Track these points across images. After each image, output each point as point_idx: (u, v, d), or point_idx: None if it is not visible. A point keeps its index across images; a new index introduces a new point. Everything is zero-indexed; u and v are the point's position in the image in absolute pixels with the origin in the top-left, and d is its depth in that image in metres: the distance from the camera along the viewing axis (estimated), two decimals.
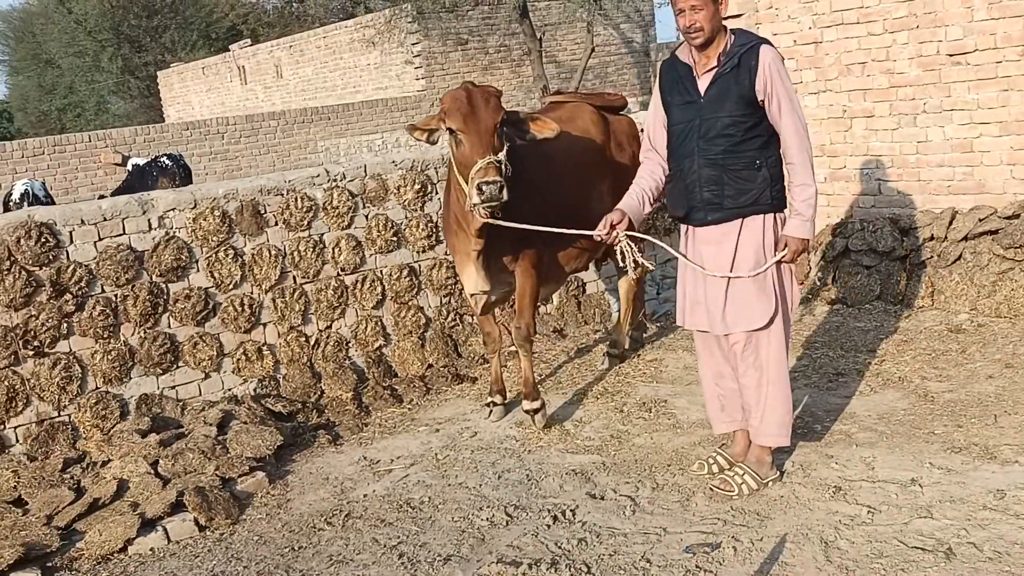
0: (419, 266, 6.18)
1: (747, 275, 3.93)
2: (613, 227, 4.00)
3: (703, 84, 3.89)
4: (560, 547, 3.75)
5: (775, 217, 3.98)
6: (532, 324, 4.98)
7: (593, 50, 18.45)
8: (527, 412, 4.99)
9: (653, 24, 23.99)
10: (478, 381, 5.87)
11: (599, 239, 4.06)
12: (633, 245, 4.06)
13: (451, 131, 4.37)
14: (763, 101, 3.84)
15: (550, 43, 21.48)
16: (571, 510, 4.05)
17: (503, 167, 4.27)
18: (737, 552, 3.58)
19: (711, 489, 4.07)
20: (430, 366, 6.09)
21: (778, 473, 4.13)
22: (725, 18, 3.94)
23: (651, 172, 4.18)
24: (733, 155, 3.87)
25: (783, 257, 3.94)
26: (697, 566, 3.50)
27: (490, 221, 4.38)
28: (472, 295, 4.97)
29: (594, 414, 5.12)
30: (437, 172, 6.22)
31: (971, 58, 6.48)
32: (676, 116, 4.00)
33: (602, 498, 4.15)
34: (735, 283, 3.96)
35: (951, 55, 6.58)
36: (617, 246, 4.05)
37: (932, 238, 6.54)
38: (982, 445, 4.22)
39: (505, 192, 4.21)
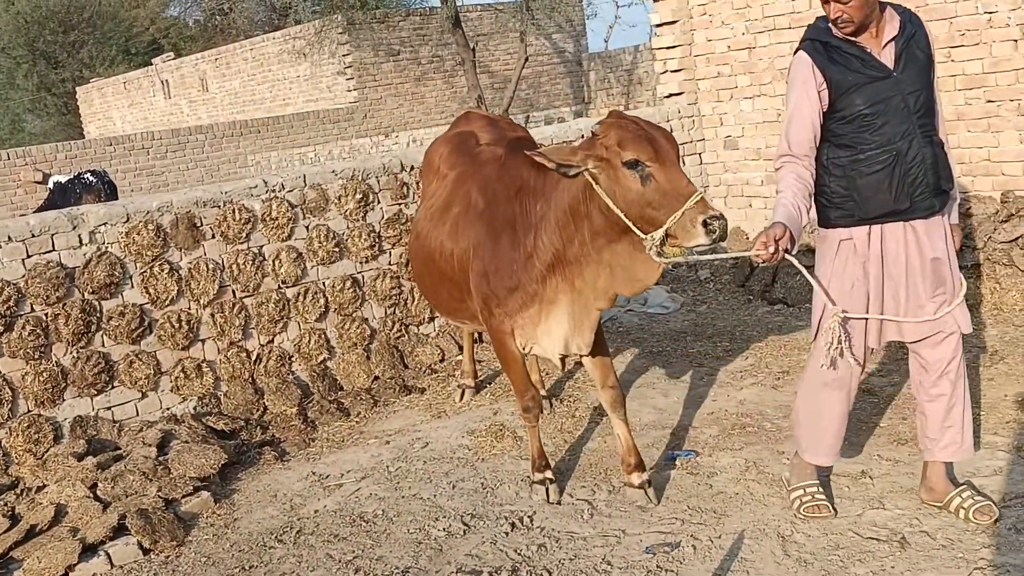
0: (362, 277, 6.09)
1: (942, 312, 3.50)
2: (775, 242, 3.31)
3: (887, 57, 3.42)
4: (520, 553, 3.70)
5: None
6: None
7: (527, 60, 18.50)
8: (639, 486, 4.06)
9: (585, 34, 24.20)
10: (426, 392, 5.79)
11: (761, 260, 3.37)
12: (798, 263, 3.46)
13: (631, 165, 3.43)
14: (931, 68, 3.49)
15: (483, 53, 21.49)
16: (529, 516, 4.01)
17: None
18: (696, 550, 3.57)
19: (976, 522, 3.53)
20: (376, 378, 6.00)
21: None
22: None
23: (800, 178, 3.49)
24: (935, 131, 3.48)
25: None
26: (658, 566, 3.49)
27: (674, 261, 3.52)
28: (564, 357, 4.09)
29: (547, 420, 5.08)
30: (379, 181, 6.14)
31: None
32: (864, 97, 3.41)
33: (559, 503, 4.11)
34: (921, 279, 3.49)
35: None
36: (779, 265, 3.59)
37: None
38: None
39: None
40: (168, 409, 5.36)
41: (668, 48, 7.97)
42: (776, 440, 4.49)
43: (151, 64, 27.99)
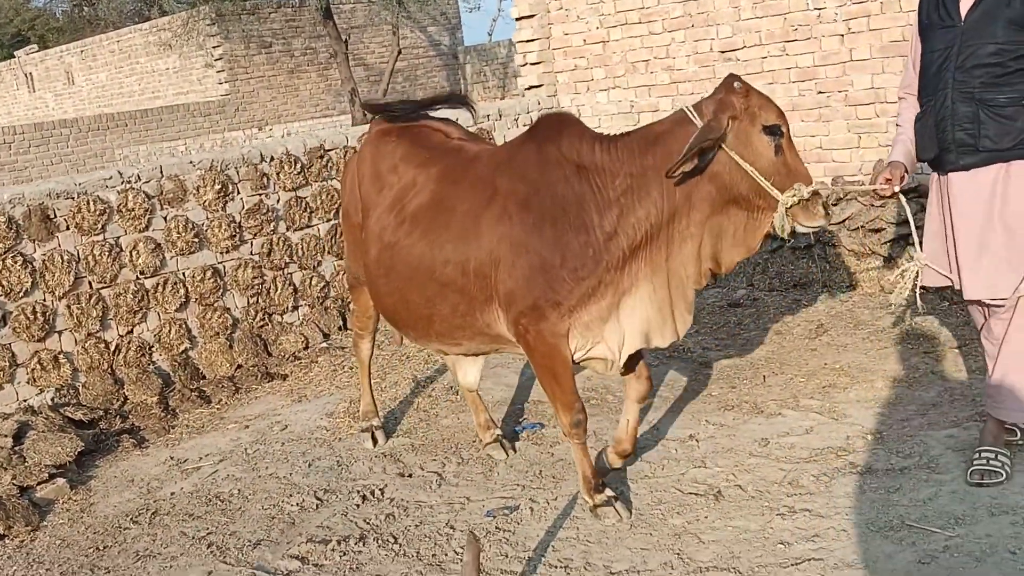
0: (223, 267, 6.15)
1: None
2: (888, 181, 3.47)
3: (965, 5, 3.39)
4: (368, 523, 3.90)
5: None
6: None
7: (400, 53, 18.59)
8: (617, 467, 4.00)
9: (460, 27, 24.40)
10: (289, 378, 5.91)
11: (878, 197, 3.49)
12: (905, 203, 3.51)
13: (771, 131, 3.33)
14: None
15: (357, 46, 21.46)
16: (380, 489, 4.20)
17: None
18: (534, 512, 3.83)
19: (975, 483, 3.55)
20: (239, 366, 6.08)
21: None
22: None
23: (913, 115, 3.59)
24: (995, 88, 3.33)
25: None
26: (497, 527, 3.73)
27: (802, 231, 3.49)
28: (658, 344, 3.64)
29: (404, 400, 5.28)
30: (238, 172, 6.22)
31: (740, 54, 7.07)
32: (932, 42, 3.46)
33: (410, 476, 4.32)
34: (987, 240, 3.44)
35: (723, 52, 7.15)
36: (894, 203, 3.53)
37: None
38: (751, 402, 4.66)
39: None
40: (25, 401, 5.34)
41: (528, 41, 8.25)
42: (617, 412, 4.78)
43: (14, 56, 26.88)
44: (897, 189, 3.51)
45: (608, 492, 3.74)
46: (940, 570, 3.08)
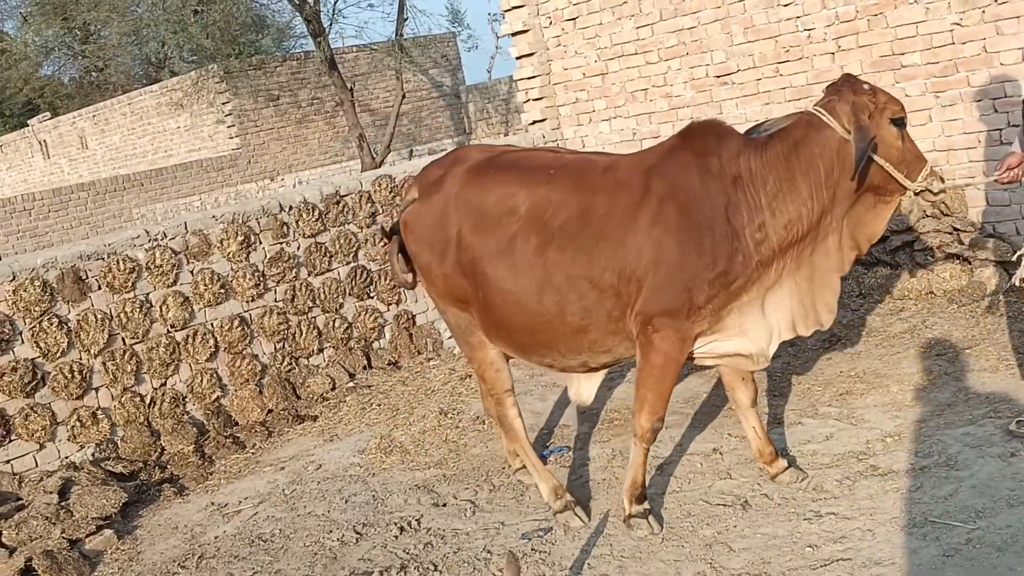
0: (249, 315, 6.34)
1: None
2: (1010, 169, 3.82)
3: None
4: (408, 553, 4.03)
5: None
6: None
7: (404, 96, 18.92)
8: (783, 470, 4.07)
9: (461, 68, 24.78)
10: (319, 419, 6.06)
11: (1004, 182, 3.86)
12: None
13: (898, 123, 3.65)
14: None
15: (362, 92, 21.84)
16: (416, 520, 4.34)
17: None
18: (567, 532, 3.96)
19: None
20: (270, 411, 6.24)
21: None
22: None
23: None
24: None
25: None
26: (533, 549, 3.86)
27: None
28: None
29: (433, 433, 5.42)
30: (259, 223, 6.42)
31: (735, 77, 7.25)
32: None
33: (444, 505, 4.45)
34: None
35: (718, 76, 7.33)
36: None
37: None
38: (771, 413, 4.78)
39: None
40: (67, 458, 5.50)
41: (529, 78, 8.46)
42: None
43: (27, 125, 27.42)
44: (1017, 174, 3.79)
45: (646, 504, 3.88)
46: (964, 561, 3.19)
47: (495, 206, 4.01)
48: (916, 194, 3.70)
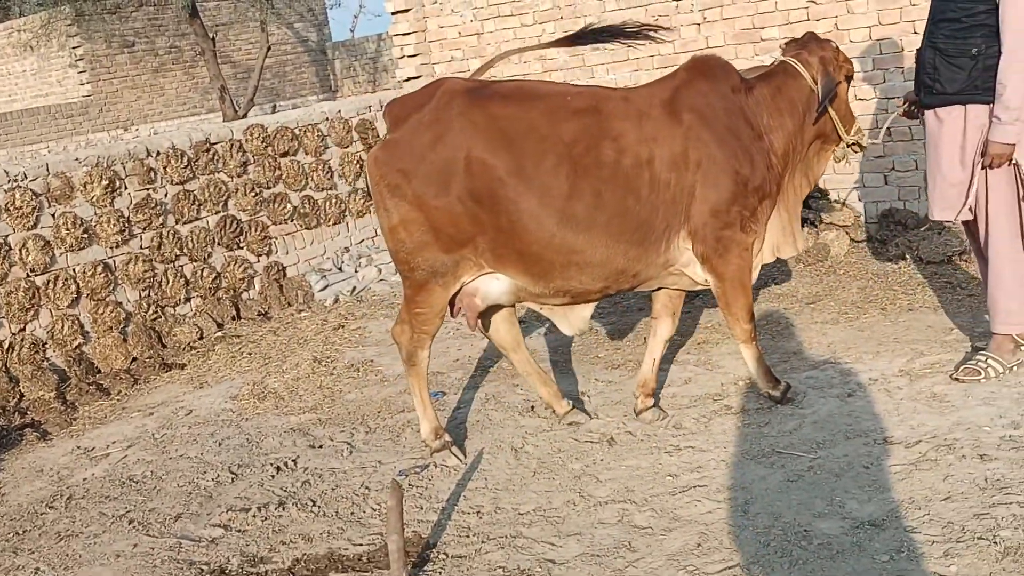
0: (114, 262, 6.18)
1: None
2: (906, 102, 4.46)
3: None
4: (285, 491, 4.10)
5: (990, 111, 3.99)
6: None
7: (269, 49, 18.44)
8: (653, 405, 4.39)
9: (327, 23, 24.29)
10: (187, 367, 6.00)
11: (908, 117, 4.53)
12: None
13: (848, 80, 4.31)
14: None
15: (224, 43, 21.13)
16: (293, 460, 4.40)
17: None
18: (443, 470, 4.11)
19: (956, 380, 4.17)
20: (135, 359, 6.12)
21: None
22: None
23: None
24: (952, 41, 4.00)
25: (984, 162, 4.01)
26: (411, 484, 3.99)
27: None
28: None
29: (307, 380, 5.46)
30: (124, 167, 6.25)
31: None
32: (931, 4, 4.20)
33: (321, 447, 4.53)
34: (942, 171, 4.15)
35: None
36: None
37: None
38: (635, 360, 5.05)
39: None
40: None
41: (404, 35, 8.48)
42: (513, 376, 5.10)
43: None
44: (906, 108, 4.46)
45: (784, 383, 4.29)
46: (806, 486, 3.52)
47: (514, 127, 3.84)
48: (848, 145, 4.32)
